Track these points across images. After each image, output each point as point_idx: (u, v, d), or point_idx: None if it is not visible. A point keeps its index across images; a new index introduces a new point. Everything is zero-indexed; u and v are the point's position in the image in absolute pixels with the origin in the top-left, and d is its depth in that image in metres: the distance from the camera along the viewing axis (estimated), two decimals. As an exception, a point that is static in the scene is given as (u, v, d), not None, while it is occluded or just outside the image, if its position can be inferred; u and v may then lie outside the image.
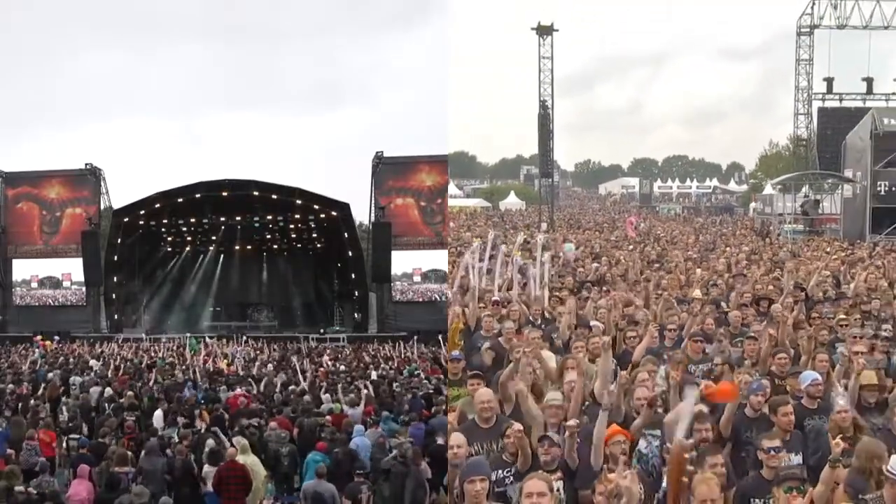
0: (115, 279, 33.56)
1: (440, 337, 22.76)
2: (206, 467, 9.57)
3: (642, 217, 38.86)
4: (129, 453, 9.65)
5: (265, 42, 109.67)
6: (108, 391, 14.77)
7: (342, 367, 19.42)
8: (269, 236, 35.69)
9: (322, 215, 33.28)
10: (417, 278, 38.17)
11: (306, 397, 13.38)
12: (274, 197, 32.11)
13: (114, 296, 33.79)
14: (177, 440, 10.37)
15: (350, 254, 33.21)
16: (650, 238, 28.98)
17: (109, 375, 17.37)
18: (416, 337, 27.07)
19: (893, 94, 26.56)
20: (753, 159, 42.51)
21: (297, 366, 18.33)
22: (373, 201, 34.19)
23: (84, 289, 35.62)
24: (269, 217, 34.06)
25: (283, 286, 36.39)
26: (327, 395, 14.01)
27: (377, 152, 34.45)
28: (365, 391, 13.66)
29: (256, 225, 34.75)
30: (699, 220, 39.85)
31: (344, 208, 32.28)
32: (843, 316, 11.22)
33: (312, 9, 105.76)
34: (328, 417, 11.73)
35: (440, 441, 9.97)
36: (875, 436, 6.45)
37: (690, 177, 64.49)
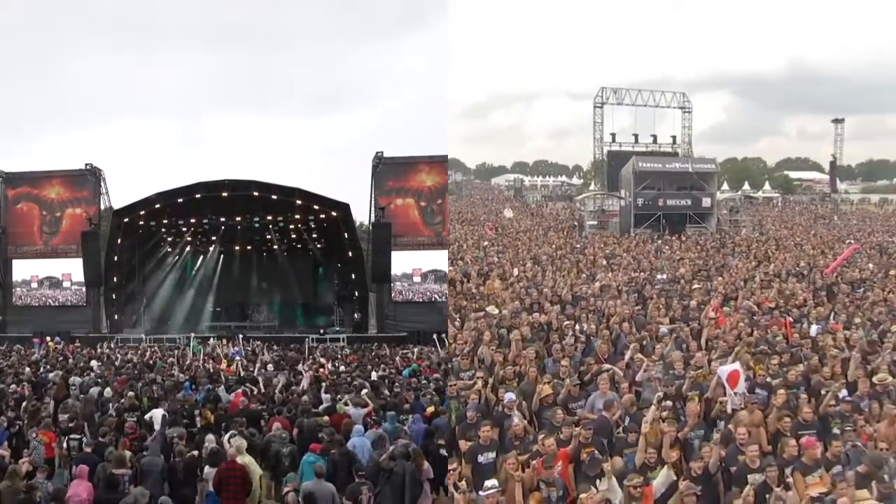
0: (115, 279, 33.52)
1: (435, 337, 22.86)
2: (207, 468, 9.57)
3: (509, 207, 51.62)
4: (129, 454, 9.64)
5: (265, 44, 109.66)
6: (108, 391, 14.78)
7: (342, 368, 19.42)
8: (269, 236, 35.61)
9: (322, 216, 33.25)
10: (417, 278, 38.18)
11: (305, 397, 13.38)
12: (274, 197, 32.06)
13: (114, 296, 33.75)
14: (177, 440, 10.34)
15: (350, 254, 33.18)
16: (502, 234, 36.76)
17: (109, 375, 17.39)
18: (405, 338, 27.14)
19: (649, 144, 42.32)
20: (587, 163, 61.23)
21: (298, 367, 18.33)
22: (373, 201, 34.18)
23: (84, 289, 35.59)
24: (269, 217, 34.00)
25: (283, 287, 36.37)
26: (327, 395, 14.01)
27: (377, 153, 34.43)
28: (365, 391, 13.68)
29: (256, 225, 34.70)
30: (549, 206, 55.15)
31: (344, 209, 32.24)
32: (567, 322, 14.11)
33: (313, 12, 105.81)
34: (326, 418, 11.74)
35: (440, 441, 10.00)
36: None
37: (549, 174, 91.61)
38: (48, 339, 28.91)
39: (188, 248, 36.45)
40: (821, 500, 7.09)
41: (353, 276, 33.39)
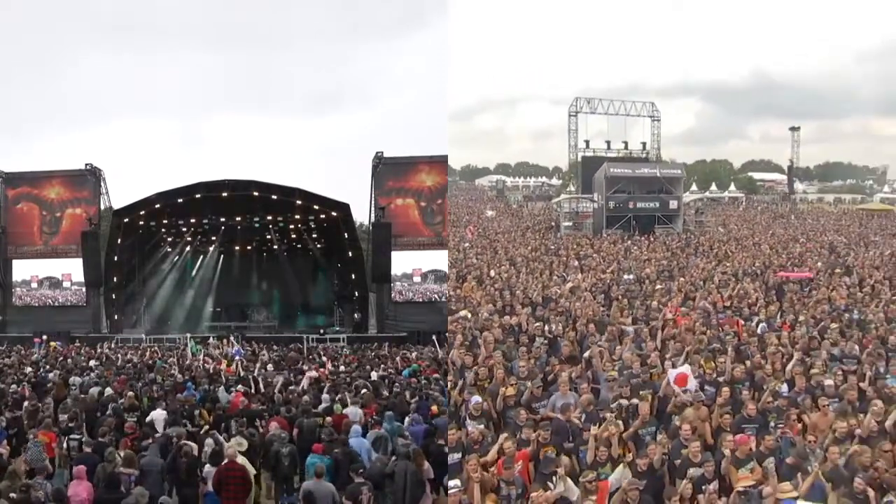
0: (115, 279, 33.53)
1: (434, 337, 22.92)
2: (207, 467, 9.56)
3: (491, 208, 54.19)
4: (128, 452, 9.64)
5: (265, 44, 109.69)
6: (108, 391, 14.77)
7: (342, 368, 19.42)
8: (269, 236, 35.65)
9: (322, 216, 33.26)
10: (417, 278, 38.22)
11: (306, 397, 13.38)
12: (274, 197, 32.07)
13: (114, 296, 33.76)
14: (176, 440, 10.33)
15: (350, 254, 33.18)
16: (481, 236, 37.28)
17: (109, 375, 17.39)
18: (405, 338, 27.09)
19: (620, 149, 44.42)
20: (565, 164, 62.35)
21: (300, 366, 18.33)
22: (373, 202, 34.19)
23: (84, 289, 35.60)
24: (269, 217, 34.02)
25: (283, 286, 36.37)
26: (327, 395, 14.00)
27: (377, 153, 34.44)
28: (365, 391, 13.68)
29: (256, 225, 34.70)
30: (529, 206, 57.69)
31: (344, 209, 32.25)
32: (536, 324, 14.38)
33: (313, 12, 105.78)
34: (329, 419, 11.74)
35: (440, 441, 10.00)
36: None
37: (530, 175, 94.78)
38: (51, 342, 28.92)
39: (188, 249, 36.45)
40: (746, 493, 7.52)
41: (353, 276, 33.40)
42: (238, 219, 33.96)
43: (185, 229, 35.09)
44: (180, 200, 31.86)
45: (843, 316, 16.16)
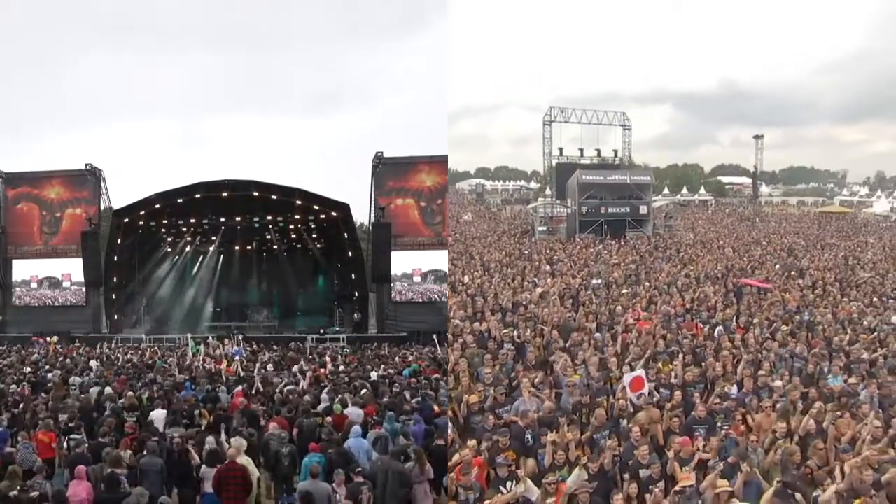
0: (115, 279, 33.53)
1: (434, 337, 22.94)
2: (205, 468, 9.55)
3: (470, 212, 55.83)
4: (128, 452, 9.64)
5: (265, 44, 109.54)
6: (108, 391, 14.77)
7: (342, 368, 19.41)
8: (268, 236, 35.66)
9: (322, 216, 33.26)
10: (417, 278, 38.19)
11: (306, 397, 13.38)
12: (274, 197, 32.06)
13: (114, 296, 33.76)
14: (179, 440, 10.32)
15: (350, 254, 33.18)
16: (457, 241, 37.27)
17: (109, 376, 17.39)
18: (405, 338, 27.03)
19: (593, 157, 46.19)
20: (542, 168, 63.92)
21: (294, 369, 18.33)
22: (373, 201, 34.19)
23: (84, 289, 35.60)
24: (269, 217, 34.02)
25: (283, 286, 36.37)
26: (327, 395, 13.99)
27: (377, 153, 34.45)
28: (365, 391, 13.69)
29: (256, 225, 34.70)
30: (507, 209, 60.14)
31: (344, 209, 32.24)
32: (505, 330, 14.67)
33: (313, 12, 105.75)
34: (329, 419, 11.73)
35: (440, 441, 10.00)
36: None
37: (510, 179, 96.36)
38: (48, 339, 28.93)
39: (188, 249, 36.44)
40: (684, 491, 7.74)
41: (353, 276, 33.40)
42: (238, 219, 33.96)
43: (185, 229, 35.10)
44: (180, 200, 31.86)
45: (794, 318, 16.68)
